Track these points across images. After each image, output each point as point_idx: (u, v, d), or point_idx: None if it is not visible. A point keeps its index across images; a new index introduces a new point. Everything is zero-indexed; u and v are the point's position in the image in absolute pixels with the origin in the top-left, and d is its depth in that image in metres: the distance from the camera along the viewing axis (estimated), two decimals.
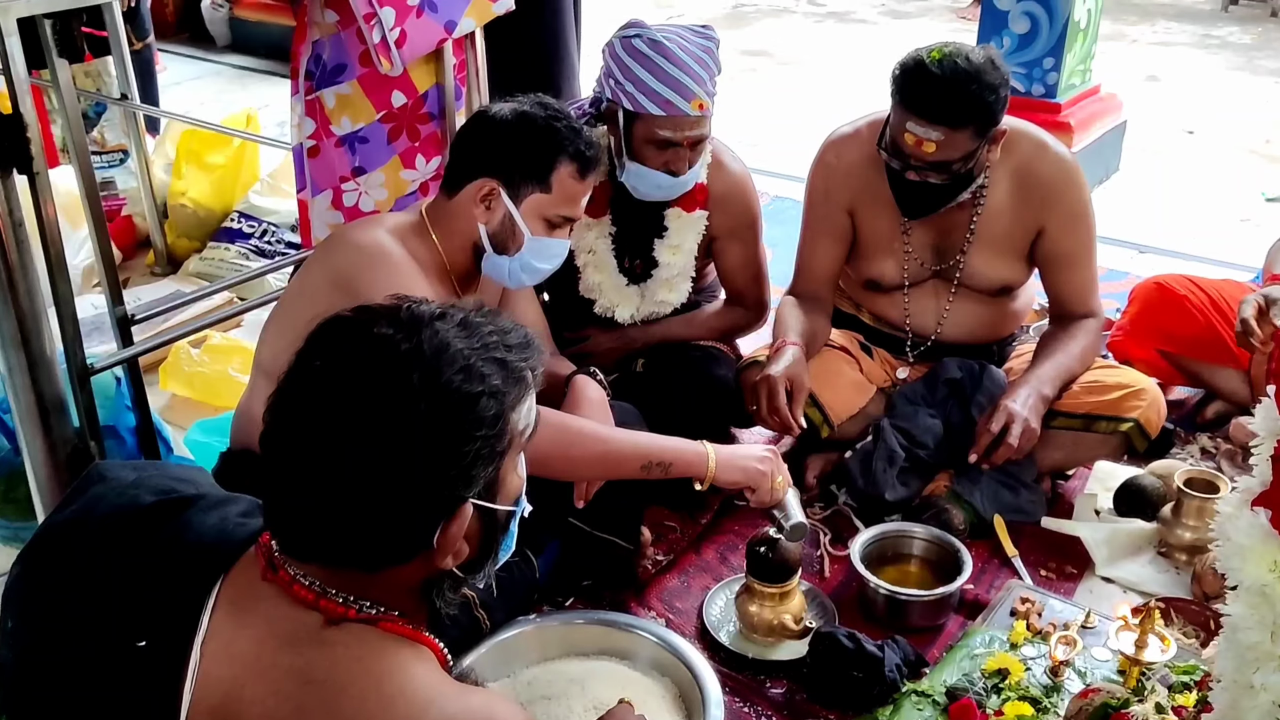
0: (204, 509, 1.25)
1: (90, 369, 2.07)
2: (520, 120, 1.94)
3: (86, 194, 2.09)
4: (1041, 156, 2.39)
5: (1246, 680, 1.19)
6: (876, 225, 2.48)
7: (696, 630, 2.15)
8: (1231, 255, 3.94)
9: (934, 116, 2.18)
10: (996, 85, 2.19)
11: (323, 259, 1.97)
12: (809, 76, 6.74)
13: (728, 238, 2.58)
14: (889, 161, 2.30)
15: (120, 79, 3.48)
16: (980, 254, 2.45)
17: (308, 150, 2.41)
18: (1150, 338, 2.79)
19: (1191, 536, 2.28)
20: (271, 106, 5.41)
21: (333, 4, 2.30)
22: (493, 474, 1.15)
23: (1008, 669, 1.92)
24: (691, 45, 2.32)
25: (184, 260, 3.71)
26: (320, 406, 1.08)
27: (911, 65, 2.22)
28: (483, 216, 1.94)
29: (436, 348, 1.09)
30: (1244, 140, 5.47)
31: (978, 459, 2.29)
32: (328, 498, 1.08)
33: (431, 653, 1.18)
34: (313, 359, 1.12)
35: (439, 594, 1.21)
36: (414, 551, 1.13)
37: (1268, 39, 7.53)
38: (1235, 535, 1.18)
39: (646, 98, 2.29)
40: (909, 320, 2.56)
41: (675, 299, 2.58)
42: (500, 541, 1.24)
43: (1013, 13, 4.33)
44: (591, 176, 1.98)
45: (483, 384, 1.10)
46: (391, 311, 1.13)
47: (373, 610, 1.14)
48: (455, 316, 1.14)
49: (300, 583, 1.12)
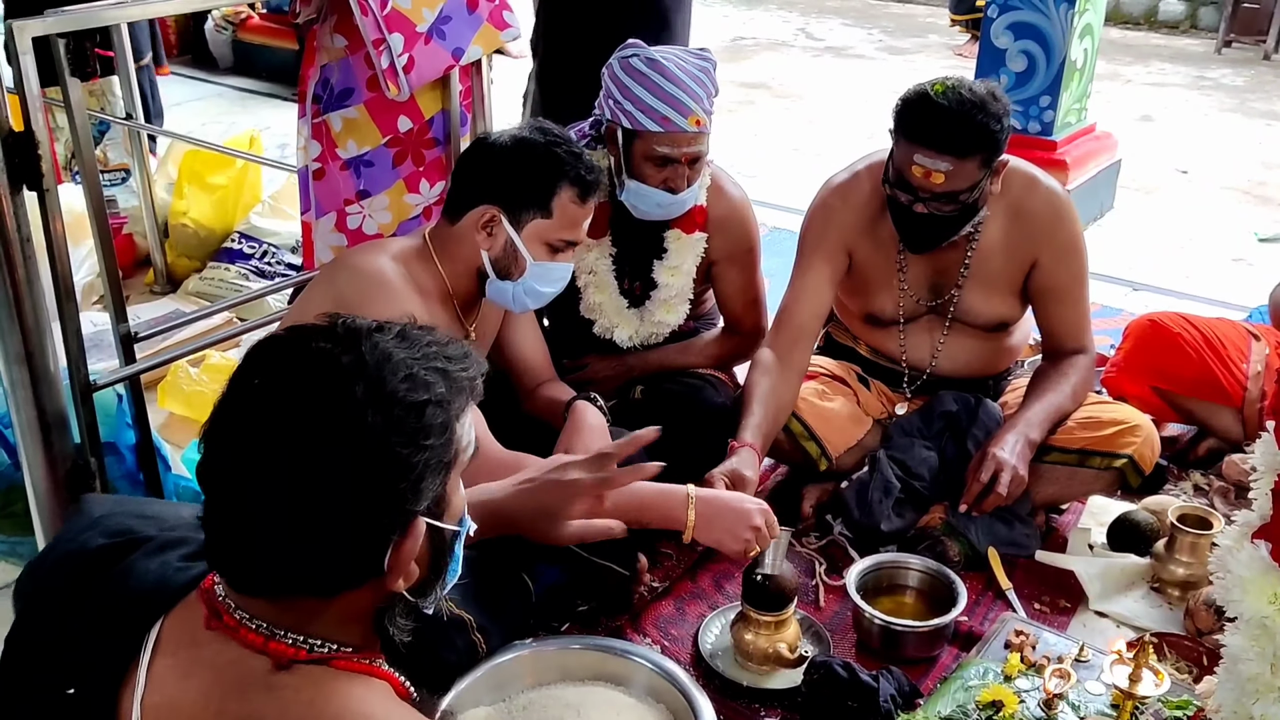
0: (148, 553, 1.21)
1: (93, 385, 2.08)
2: (520, 146, 1.95)
3: (94, 212, 2.10)
4: (1033, 191, 2.41)
5: (1246, 711, 1.20)
6: (875, 262, 2.50)
7: (691, 657, 2.15)
8: (1225, 294, 3.98)
9: (941, 146, 2.20)
10: (1000, 115, 2.22)
11: (325, 283, 1.98)
12: (807, 110, 6.79)
13: (726, 262, 2.60)
14: (895, 196, 2.31)
15: (125, 99, 3.50)
16: (974, 290, 2.47)
17: (313, 172, 2.43)
18: (1144, 374, 2.81)
19: (1184, 572, 2.29)
20: (273, 128, 5.44)
21: (342, 29, 2.33)
22: (440, 488, 1.12)
23: (1002, 701, 1.92)
24: (688, 65, 2.35)
25: (183, 279, 3.73)
26: (264, 425, 1.04)
27: (916, 98, 2.24)
28: (485, 243, 1.96)
29: (379, 358, 1.06)
30: (1236, 181, 5.52)
31: (968, 508, 2.30)
32: (278, 521, 1.03)
33: (389, 685, 1.15)
34: (249, 379, 1.07)
35: (391, 620, 1.17)
36: (367, 573, 1.08)
37: (1260, 81, 7.62)
38: (1235, 568, 1.19)
39: (644, 115, 2.32)
40: (905, 354, 2.58)
41: (673, 320, 2.60)
42: (448, 563, 1.21)
43: (1010, 51, 4.38)
44: (592, 200, 1.99)
45: (428, 392, 1.07)
46: (327, 327, 1.10)
47: (324, 649, 1.10)
48: (392, 329, 1.12)
49: (247, 626, 1.08)
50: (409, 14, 2.27)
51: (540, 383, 2.27)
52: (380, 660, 1.16)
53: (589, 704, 1.80)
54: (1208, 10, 9.09)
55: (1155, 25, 9.31)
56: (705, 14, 9.54)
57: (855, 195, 2.48)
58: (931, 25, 9.21)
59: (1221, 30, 8.46)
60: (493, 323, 2.19)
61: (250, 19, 6.86)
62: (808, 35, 8.98)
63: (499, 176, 1.94)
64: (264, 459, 1.03)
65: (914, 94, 2.25)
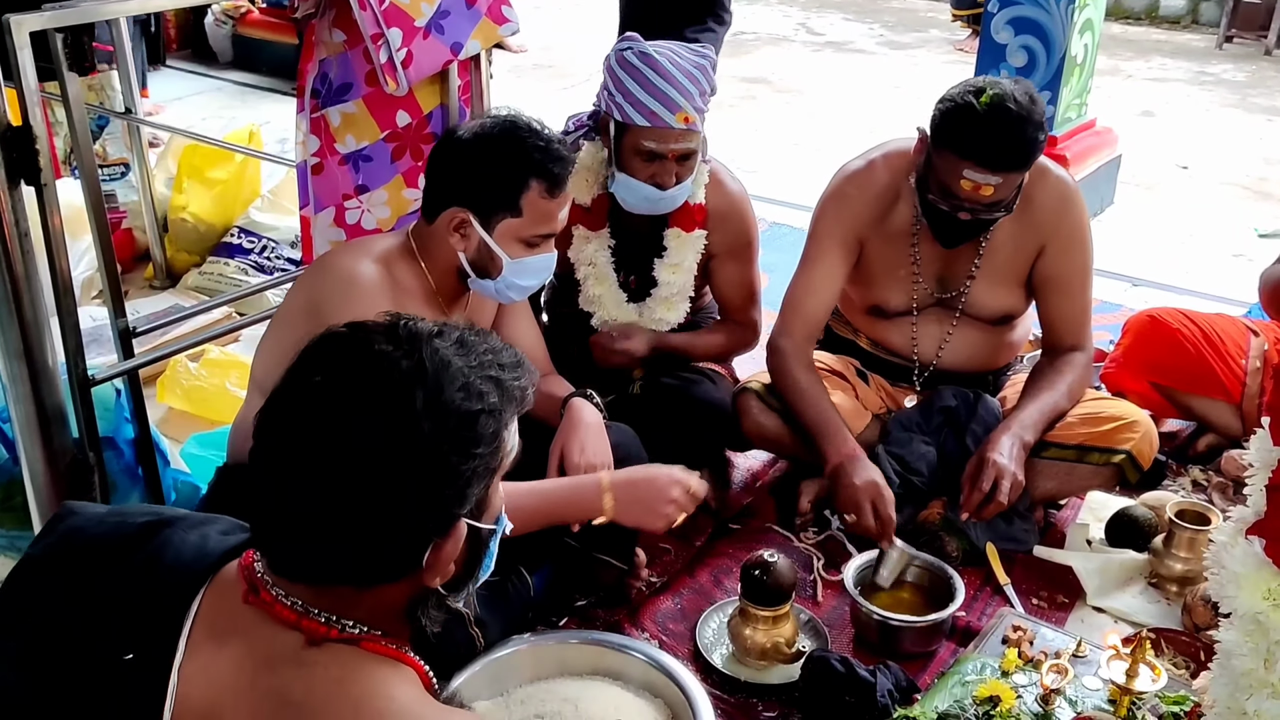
0: (185, 528, 1.24)
1: (91, 380, 2.08)
2: (484, 145, 1.91)
3: (93, 207, 2.10)
4: (1044, 180, 2.41)
5: (1239, 706, 1.20)
6: (886, 253, 2.49)
7: (690, 652, 2.16)
8: (1224, 290, 3.98)
9: (994, 165, 2.18)
10: (1042, 123, 2.20)
11: (305, 283, 1.98)
12: (808, 105, 6.79)
13: (725, 255, 2.60)
14: (936, 203, 2.29)
15: (125, 93, 3.50)
16: (984, 282, 2.47)
17: (311, 167, 2.42)
18: (1143, 370, 2.81)
19: (1182, 568, 2.30)
20: (273, 123, 5.43)
21: (341, 24, 2.33)
22: (484, 492, 1.15)
23: (999, 696, 1.93)
24: (683, 61, 2.34)
25: (183, 274, 3.73)
26: (320, 422, 1.07)
27: (960, 113, 2.19)
28: (459, 244, 1.94)
29: (438, 365, 1.09)
30: (1237, 176, 5.52)
31: (969, 515, 2.30)
32: (324, 514, 1.07)
33: (415, 673, 1.17)
34: (311, 374, 1.10)
35: (424, 612, 1.19)
36: (406, 570, 1.11)
37: (1261, 77, 7.61)
38: (1230, 564, 1.20)
39: (633, 109, 2.32)
40: (916, 347, 2.58)
41: (674, 318, 2.59)
42: (482, 560, 1.24)
43: (1010, 46, 4.37)
44: (564, 191, 1.94)
45: (482, 402, 1.10)
46: (389, 328, 1.13)
47: (355, 630, 1.13)
48: (452, 334, 1.14)
49: (283, 603, 1.11)
50: (407, 9, 2.26)
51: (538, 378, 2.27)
52: (407, 648, 1.19)
53: (587, 698, 1.80)
54: (1209, 5, 9.07)
55: (1156, 20, 9.29)
56: None
57: (870, 185, 2.47)
58: (932, 20, 9.19)
59: (1223, 25, 8.45)
60: (486, 314, 2.18)
61: (250, 14, 6.86)
62: (808, 30, 8.97)
63: (465, 178, 1.91)
64: (317, 455, 1.06)
65: (956, 105, 2.20)
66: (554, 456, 2.05)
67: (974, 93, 2.20)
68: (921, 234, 2.44)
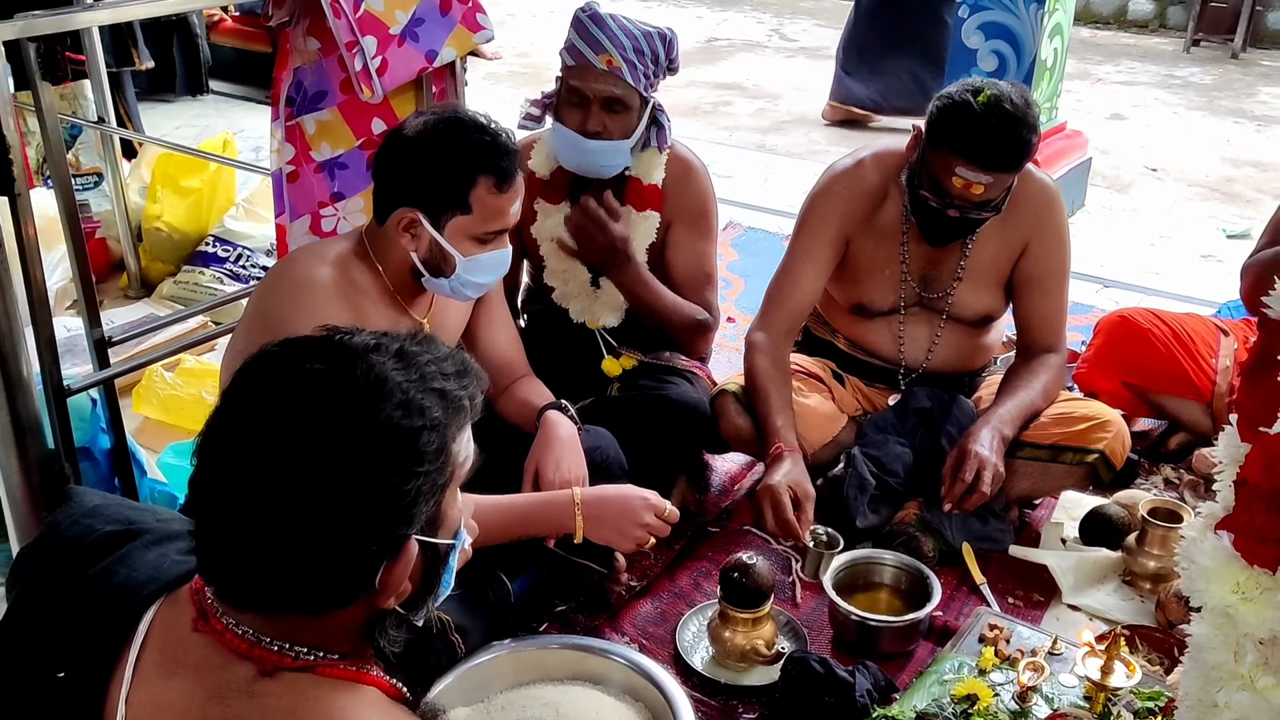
0: (147, 544, 1.20)
1: (67, 390, 2.07)
2: (429, 143, 1.87)
3: (66, 216, 2.09)
4: (1027, 180, 2.44)
5: (1210, 699, 1.22)
6: (874, 252, 2.51)
7: (670, 655, 2.16)
8: (1194, 290, 4.02)
9: (987, 164, 2.21)
10: (1036, 126, 2.24)
11: (263, 289, 1.96)
12: (781, 110, 6.82)
13: (679, 223, 2.58)
14: (927, 200, 2.32)
15: (98, 102, 3.48)
16: (968, 284, 2.50)
17: (287, 175, 2.42)
18: (1115, 370, 2.84)
19: (1155, 565, 2.32)
20: (247, 131, 5.42)
21: (315, 31, 2.33)
22: (434, 509, 1.10)
23: (977, 694, 1.94)
24: (626, 22, 2.40)
25: (157, 284, 3.71)
26: (254, 448, 1.02)
27: (957, 110, 2.23)
28: (410, 245, 1.90)
29: (373, 383, 1.04)
30: (1205, 178, 5.59)
31: (951, 507, 2.31)
32: (265, 545, 1.02)
33: (377, 691, 1.12)
34: (240, 399, 1.06)
35: (382, 633, 1.15)
36: (357, 593, 1.07)
37: (1228, 79, 7.70)
38: (1199, 558, 1.22)
39: (566, 52, 2.41)
40: (903, 348, 2.59)
41: (624, 300, 2.59)
42: (440, 576, 1.19)
43: (981, 50, 4.41)
44: (513, 184, 1.91)
45: (423, 418, 1.05)
46: (322, 345, 1.08)
47: (310, 656, 1.08)
48: (391, 347, 1.09)
49: (234, 631, 1.07)
50: (382, 16, 2.27)
51: (515, 379, 2.26)
52: (369, 665, 1.15)
53: (568, 703, 1.80)
54: (1176, 9, 9.18)
55: (1125, 24, 9.39)
56: (679, 15, 9.59)
57: (859, 184, 2.50)
58: None
59: (1190, 29, 8.56)
60: (454, 312, 2.14)
61: (223, 22, 6.82)
62: (781, 36, 9.01)
63: (412, 177, 1.88)
64: (254, 481, 1.02)
65: (954, 103, 2.24)
66: (529, 473, 2.05)
67: (972, 92, 2.23)
68: (909, 234, 2.47)
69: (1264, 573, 1.18)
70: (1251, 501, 1.18)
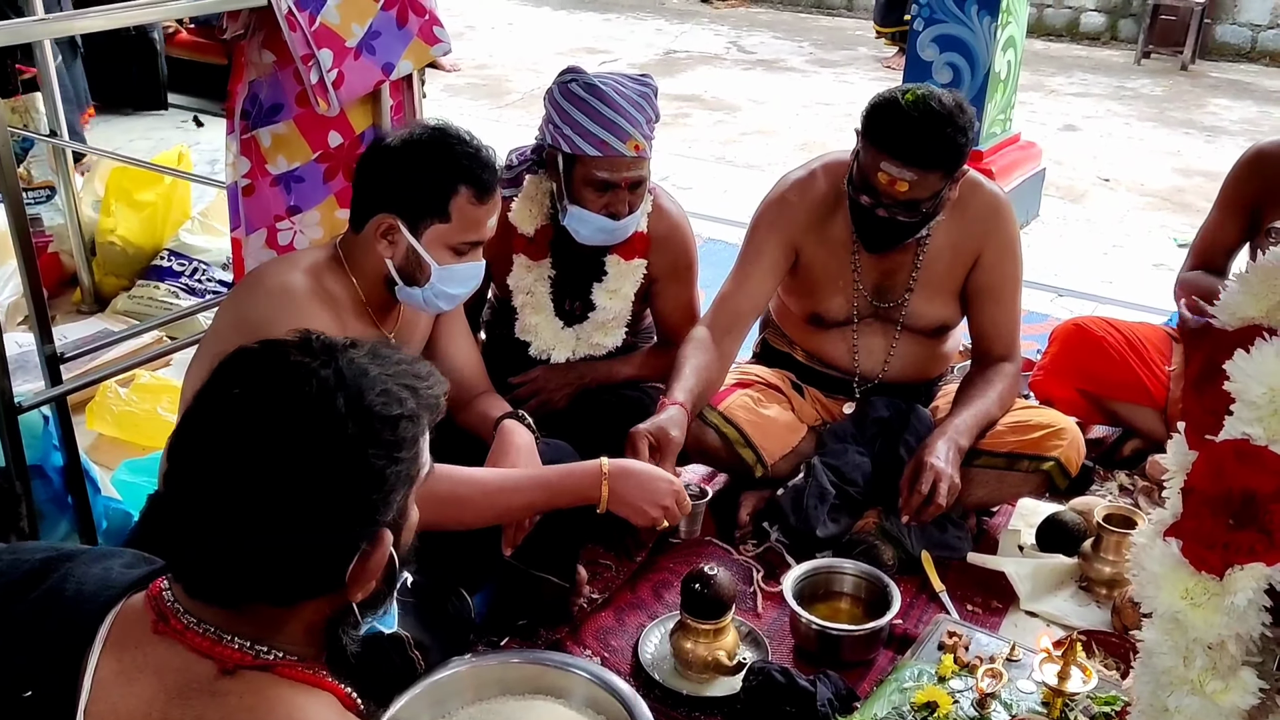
0: (86, 562, 1.21)
1: (18, 407, 2.04)
2: (411, 151, 1.91)
3: (17, 231, 2.06)
4: (977, 192, 2.47)
5: (1161, 704, 1.24)
6: (825, 262, 2.53)
7: (631, 668, 2.16)
8: (1146, 299, 4.08)
9: (909, 159, 2.23)
10: (966, 128, 2.26)
11: (234, 300, 1.96)
12: (740, 122, 6.85)
13: (666, 279, 2.60)
14: (857, 197, 2.35)
15: (49, 115, 3.44)
16: (922, 293, 2.52)
17: (243, 189, 2.40)
18: (1070, 377, 2.87)
19: (1111, 571, 2.35)
20: (202, 144, 5.36)
21: (270, 44, 2.31)
22: (404, 502, 1.14)
23: (936, 702, 1.96)
24: (628, 90, 2.35)
25: (111, 298, 3.66)
26: (243, 432, 1.06)
27: (886, 106, 2.27)
28: (387, 251, 1.93)
29: (356, 372, 1.10)
30: (1156, 188, 5.67)
31: (909, 519, 2.33)
32: (253, 525, 1.05)
33: (334, 698, 1.15)
34: (228, 388, 1.09)
35: (344, 632, 1.18)
36: (330, 583, 1.10)
37: (1178, 91, 7.83)
38: (1149, 564, 1.23)
39: (583, 139, 2.32)
40: (857, 358, 2.61)
41: (610, 342, 2.59)
42: (398, 575, 1.22)
43: (936, 63, 4.46)
44: (492, 198, 1.95)
45: (402, 407, 1.11)
46: (302, 342, 1.13)
47: (270, 655, 1.10)
48: (364, 346, 1.15)
49: (194, 630, 1.09)
50: (338, 29, 2.26)
51: (475, 395, 2.26)
52: (324, 672, 1.17)
53: (529, 718, 1.80)
54: (1127, 22, 9.32)
55: (1077, 37, 9.52)
56: (638, 28, 9.61)
57: (810, 193, 2.51)
58: (860, 38, 9.34)
59: (1140, 41, 8.69)
60: (418, 327, 2.16)
61: (178, 34, 6.76)
62: (739, 48, 9.06)
63: (394, 184, 1.91)
64: (243, 467, 1.05)
65: (884, 100, 2.28)
66: None
67: (902, 91, 2.27)
68: (860, 243, 2.48)
69: (1211, 578, 1.20)
70: (1199, 508, 1.20)
